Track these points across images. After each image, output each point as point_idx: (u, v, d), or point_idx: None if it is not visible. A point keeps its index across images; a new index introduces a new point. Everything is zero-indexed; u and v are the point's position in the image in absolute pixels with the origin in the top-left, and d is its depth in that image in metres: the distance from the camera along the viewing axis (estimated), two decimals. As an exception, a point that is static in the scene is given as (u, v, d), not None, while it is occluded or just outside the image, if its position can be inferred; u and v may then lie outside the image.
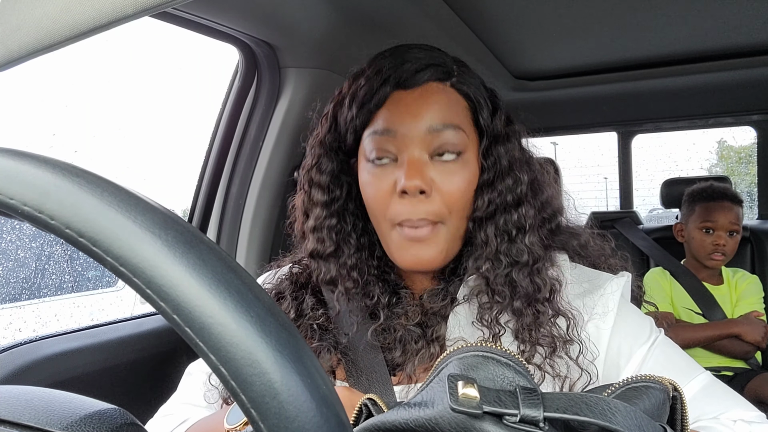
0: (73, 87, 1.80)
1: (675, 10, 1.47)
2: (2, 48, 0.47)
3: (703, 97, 2.25)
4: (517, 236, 0.72)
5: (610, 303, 0.71)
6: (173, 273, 0.25)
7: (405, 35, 1.37)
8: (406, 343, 0.72)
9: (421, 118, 0.70)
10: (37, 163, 0.28)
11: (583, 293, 0.73)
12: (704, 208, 2.07)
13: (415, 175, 0.68)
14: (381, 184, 0.71)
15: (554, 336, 0.67)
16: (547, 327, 0.68)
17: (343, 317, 0.77)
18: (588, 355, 0.67)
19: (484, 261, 0.71)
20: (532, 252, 0.71)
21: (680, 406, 0.44)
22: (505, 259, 0.71)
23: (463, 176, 0.71)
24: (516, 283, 0.69)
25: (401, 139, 0.70)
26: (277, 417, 0.24)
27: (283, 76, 1.41)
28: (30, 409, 0.36)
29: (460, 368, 0.40)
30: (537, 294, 0.69)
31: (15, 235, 1.43)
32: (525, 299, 0.69)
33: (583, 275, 0.75)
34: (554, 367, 0.67)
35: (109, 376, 1.14)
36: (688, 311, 2.06)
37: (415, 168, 0.69)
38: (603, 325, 0.70)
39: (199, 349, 0.25)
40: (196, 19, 1.15)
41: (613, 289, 0.72)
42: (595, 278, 0.75)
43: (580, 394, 0.38)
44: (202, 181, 1.46)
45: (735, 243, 2.04)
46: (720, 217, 2.02)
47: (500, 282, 0.70)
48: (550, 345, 0.67)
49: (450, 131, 0.70)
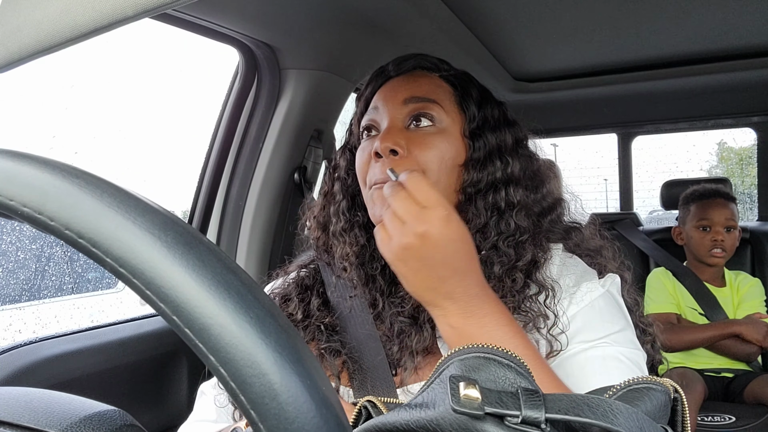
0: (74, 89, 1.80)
1: (675, 11, 1.47)
2: (2, 49, 0.47)
3: (703, 98, 2.25)
4: (506, 211, 0.76)
5: (585, 298, 0.72)
6: (173, 274, 0.25)
7: (405, 37, 1.37)
8: (404, 338, 0.73)
9: (400, 92, 0.79)
10: (37, 164, 0.27)
11: (569, 276, 0.75)
12: (699, 207, 2.11)
13: (387, 138, 0.74)
14: (363, 152, 0.79)
15: (532, 310, 0.70)
16: (519, 295, 0.71)
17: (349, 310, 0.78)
18: (559, 326, 0.70)
19: (474, 232, 0.75)
20: (519, 227, 0.75)
21: (681, 408, 0.44)
22: (494, 230, 0.75)
23: (441, 147, 0.76)
24: (500, 250, 0.74)
25: (382, 112, 0.79)
26: (277, 418, 0.24)
27: (283, 77, 1.41)
28: (30, 411, 0.36)
29: (462, 369, 0.40)
30: (517, 262, 0.73)
31: (15, 236, 1.43)
32: (506, 266, 0.72)
33: (576, 266, 0.77)
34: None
35: (109, 378, 1.14)
36: (692, 311, 2.07)
37: (389, 132, 0.76)
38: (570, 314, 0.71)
39: (198, 350, 0.25)
40: (196, 20, 1.15)
41: (591, 288, 0.73)
42: (585, 272, 0.76)
43: (582, 395, 0.38)
44: (202, 182, 1.46)
45: (733, 239, 2.06)
46: (715, 213, 2.06)
47: (486, 248, 0.74)
48: (525, 317, 0.69)
49: (426, 102, 0.78)
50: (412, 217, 0.61)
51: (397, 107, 0.78)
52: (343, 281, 0.81)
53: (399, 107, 0.78)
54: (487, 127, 0.80)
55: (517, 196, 0.77)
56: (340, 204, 0.84)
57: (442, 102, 0.79)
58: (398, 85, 0.81)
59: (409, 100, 0.78)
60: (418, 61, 0.82)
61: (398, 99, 0.78)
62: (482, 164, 0.78)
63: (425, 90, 0.79)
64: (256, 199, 1.46)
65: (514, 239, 0.75)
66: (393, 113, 0.78)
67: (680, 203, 2.22)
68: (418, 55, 0.83)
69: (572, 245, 0.81)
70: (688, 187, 2.21)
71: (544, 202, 0.81)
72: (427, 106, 0.77)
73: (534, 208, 0.80)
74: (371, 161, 0.76)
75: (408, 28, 1.35)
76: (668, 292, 2.10)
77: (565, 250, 0.80)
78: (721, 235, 2.04)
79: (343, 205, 0.84)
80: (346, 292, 0.80)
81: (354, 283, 0.79)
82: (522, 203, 0.77)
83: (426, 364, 0.72)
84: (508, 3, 1.38)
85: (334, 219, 0.84)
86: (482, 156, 0.78)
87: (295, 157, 1.47)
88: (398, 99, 0.78)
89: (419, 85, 0.80)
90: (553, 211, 0.82)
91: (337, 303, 0.80)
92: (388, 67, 0.84)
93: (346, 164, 0.87)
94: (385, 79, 0.83)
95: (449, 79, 0.82)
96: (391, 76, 0.83)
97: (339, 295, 0.81)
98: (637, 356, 0.69)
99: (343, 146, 0.90)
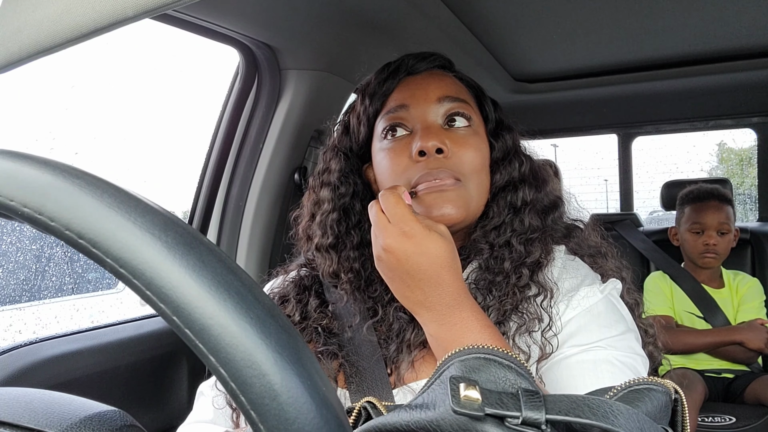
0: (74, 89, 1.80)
1: (674, 12, 1.47)
2: (2, 50, 0.47)
3: (703, 99, 2.25)
4: (521, 210, 0.78)
5: (582, 303, 0.71)
6: (173, 274, 0.25)
7: (405, 37, 1.37)
8: (402, 335, 0.73)
9: (431, 91, 0.77)
10: (38, 164, 0.27)
11: (568, 280, 0.74)
12: (693, 210, 2.10)
13: (431, 136, 0.72)
14: (397, 155, 0.75)
15: (528, 312, 0.70)
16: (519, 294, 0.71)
17: (345, 312, 0.77)
18: (553, 329, 0.70)
19: (492, 229, 0.77)
20: (531, 225, 0.77)
21: (681, 408, 0.44)
22: (509, 227, 0.77)
23: (475, 144, 0.76)
24: (512, 246, 0.75)
25: (414, 111, 0.76)
26: (277, 419, 0.24)
27: (283, 78, 1.41)
28: (30, 411, 0.35)
29: (462, 370, 0.40)
30: (526, 258, 0.74)
31: (15, 236, 1.43)
32: (516, 262, 0.74)
33: (577, 269, 0.76)
34: (518, 344, 0.69)
35: (109, 378, 1.14)
36: (689, 315, 2.06)
37: (431, 131, 0.73)
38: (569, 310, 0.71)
39: (198, 350, 0.25)
40: (196, 21, 1.15)
41: (589, 294, 0.72)
42: (586, 276, 0.76)
43: (583, 396, 0.38)
44: (202, 183, 1.46)
45: (727, 242, 2.06)
46: (708, 217, 2.05)
47: (500, 245, 0.76)
48: (521, 318, 0.69)
49: (460, 102, 0.77)
50: (380, 231, 0.65)
51: (431, 106, 0.76)
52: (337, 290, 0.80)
53: (434, 106, 0.76)
54: (502, 128, 0.82)
55: (530, 194, 0.79)
56: (328, 215, 0.80)
57: (468, 101, 0.79)
58: (425, 83, 0.78)
59: (443, 99, 0.76)
60: (438, 59, 0.81)
61: (431, 97, 0.76)
62: (503, 164, 0.80)
63: (455, 89, 0.78)
64: (257, 200, 1.46)
65: (525, 236, 0.76)
66: (429, 112, 0.76)
67: (677, 203, 2.23)
68: (435, 54, 0.82)
69: (574, 245, 0.81)
70: (689, 188, 2.21)
71: (547, 200, 0.82)
72: (461, 106, 0.77)
73: (538, 206, 0.80)
74: (408, 161, 0.74)
75: (408, 28, 1.35)
76: (665, 296, 2.10)
77: (567, 252, 0.80)
78: (713, 239, 2.03)
79: (332, 217, 0.80)
80: (342, 296, 0.79)
81: (345, 296, 0.78)
82: (533, 201, 0.79)
83: (421, 357, 0.72)
84: (508, 3, 1.38)
85: (319, 231, 0.80)
86: (501, 156, 0.80)
87: (295, 158, 1.47)
88: (431, 97, 0.76)
89: (446, 84, 0.78)
90: (556, 210, 0.83)
91: (334, 305, 0.79)
92: (401, 63, 0.80)
93: (339, 168, 0.82)
94: (403, 76, 0.80)
95: (462, 79, 0.82)
96: (410, 74, 0.80)
97: (336, 297, 0.80)
98: (634, 361, 0.67)
99: (336, 148, 0.84)
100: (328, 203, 0.81)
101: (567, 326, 0.70)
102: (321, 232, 0.80)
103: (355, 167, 0.84)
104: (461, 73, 0.84)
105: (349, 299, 0.77)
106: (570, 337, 0.69)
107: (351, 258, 0.78)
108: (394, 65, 0.81)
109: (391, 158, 0.76)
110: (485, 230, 0.78)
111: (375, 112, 0.80)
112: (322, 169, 0.84)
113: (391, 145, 0.76)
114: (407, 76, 0.80)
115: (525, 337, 0.69)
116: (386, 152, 0.76)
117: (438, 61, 0.81)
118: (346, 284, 0.78)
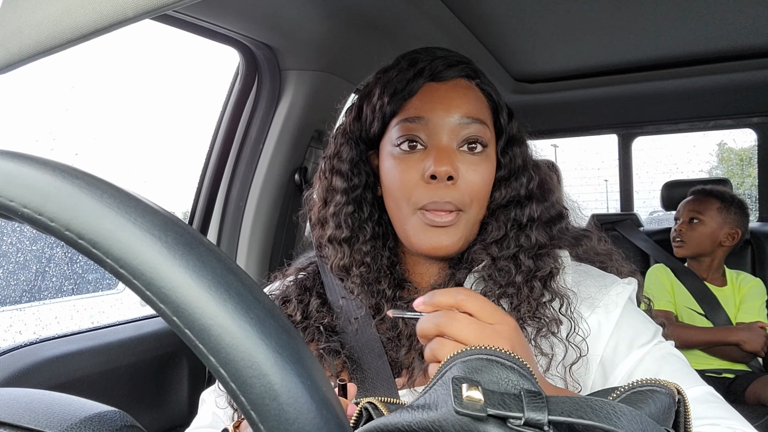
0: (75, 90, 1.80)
1: (675, 12, 1.47)
2: (3, 50, 0.47)
3: (703, 99, 2.25)
4: (527, 226, 0.77)
5: (619, 301, 0.72)
6: (173, 275, 0.25)
7: (405, 38, 1.37)
8: (413, 340, 0.72)
9: (453, 109, 0.74)
10: (38, 165, 0.27)
11: (587, 286, 0.74)
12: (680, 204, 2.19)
13: (445, 161, 0.71)
14: (408, 169, 0.74)
15: (546, 316, 0.70)
16: (535, 302, 0.71)
17: (349, 307, 0.77)
18: (580, 333, 0.70)
19: (494, 243, 0.76)
20: (538, 240, 0.76)
21: (684, 410, 0.44)
22: (513, 243, 0.76)
23: (486, 169, 0.75)
24: (520, 261, 0.74)
25: (432, 128, 0.74)
26: (277, 419, 0.24)
27: (283, 78, 1.41)
28: (30, 412, 0.35)
29: (464, 371, 0.40)
30: (537, 272, 0.73)
31: (15, 237, 1.42)
32: (526, 275, 0.73)
33: (589, 273, 0.77)
34: (540, 346, 0.69)
35: (109, 379, 1.14)
36: (689, 311, 2.06)
37: (445, 155, 0.72)
38: (605, 321, 0.71)
39: (198, 351, 0.25)
40: (196, 21, 1.15)
41: (619, 291, 0.73)
42: (602, 277, 0.76)
43: (585, 397, 0.38)
44: (202, 183, 1.46)
45: (697, 233, 2.08)
46: (683, 206, 2.14)
47: (505, 258, 0.74)
48: (539, 322, 0.69)
49: (478, 125, 0.74)
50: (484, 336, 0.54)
51: (452, 127, 0.73)
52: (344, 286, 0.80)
53: (454, 128, 0.73)
54: (514, 142, 0.80)
55: (537, 211, 0.77)
56: (342, 207, 0.79)
57: (486, 120, 0.76)
58: (447, 97, 0.74)
59: (463, 121, 0.73)
60: (465, 68, 0.77)
61: (452, 116, 0.73)
62: (508, 181, 0.78)
63: (476, 109, 0.75)
64: (257, 200, 1.46)
65: (533, 251, 0.75)
66: (447, 134, 0.73)
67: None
68: (463, 62, 0.78)
69: (581, 252, 0.81)
70: (689, 188, 2.22)
71: (553, 210, 0.81)
72: (480, 130, 0.74)
73: (544, 218, 0.79)
74: (419, 180, 0.73)
75: (408, 28, 1.34)
76: (666, 290, 2.10)
77: (572, 258, 0.80)
78: (683, 226, 2.10)
79: (346, 210, 0.79)
80: (345, 293, 0.79)
81: (355, 290, 0.78)
82: (540, 218, 0.77)
83: (436, 367, 0.72)
84: (508, 3, 1.38)
85: (333, 223, 0.79)
86: (507, 174, 0.79)
87: (295, 158, 1.47)
88: (452, 116, 0.73)
89: (469, 100, 0.75)
90: (562, 220, 0.82)
91: (336, 303, 0.79)
92: (427, 65, 0.76)
93: (350, 157, 0.80)
94: (427, 79, 0.76)
95: (485, 89, 0.78)
96: (434, 79, 0.76)
97: (338, 295, 0.80)
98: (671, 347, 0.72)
99: (346, 134, 0.82)
100: (341, 195, 0.79)
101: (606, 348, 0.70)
102: (335, 224, 0.79)
103: (363, 154, 0.83)
104: (484, 81, 0.79)
105: (359, 293, 0.77)
106: (632, 339, 0.69)
107: (363, 252, 0.78)
108: (420, 64, 0.76)
109: (402, 171, 0.74)
110: (485, 244, 0.76)
111: (392, 113, 0.76)
112: (333, 152, 0.82)
113: (404, 156, 0.74)
114: (431, 80, 0.76)
115: (547, 338, 0.69)
116: (398, 162, 0.75)
117: (465, 71, 0.77)
118: (357, 278, 0.77)
